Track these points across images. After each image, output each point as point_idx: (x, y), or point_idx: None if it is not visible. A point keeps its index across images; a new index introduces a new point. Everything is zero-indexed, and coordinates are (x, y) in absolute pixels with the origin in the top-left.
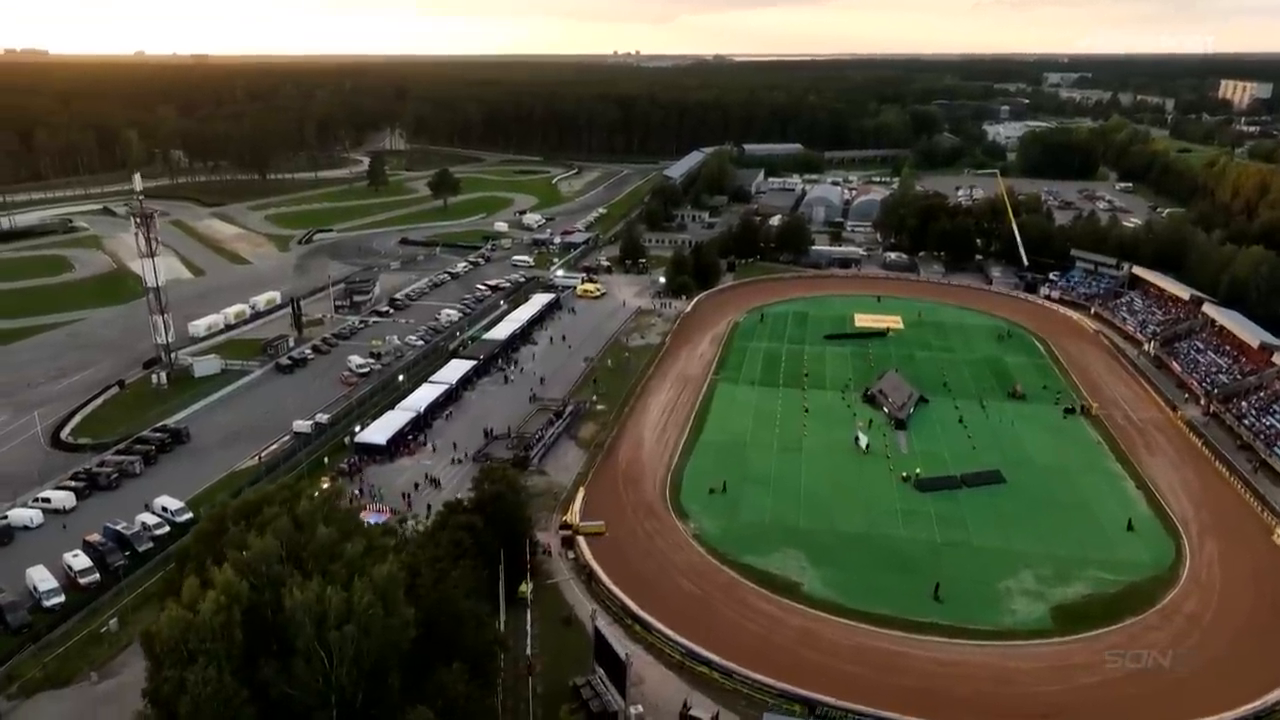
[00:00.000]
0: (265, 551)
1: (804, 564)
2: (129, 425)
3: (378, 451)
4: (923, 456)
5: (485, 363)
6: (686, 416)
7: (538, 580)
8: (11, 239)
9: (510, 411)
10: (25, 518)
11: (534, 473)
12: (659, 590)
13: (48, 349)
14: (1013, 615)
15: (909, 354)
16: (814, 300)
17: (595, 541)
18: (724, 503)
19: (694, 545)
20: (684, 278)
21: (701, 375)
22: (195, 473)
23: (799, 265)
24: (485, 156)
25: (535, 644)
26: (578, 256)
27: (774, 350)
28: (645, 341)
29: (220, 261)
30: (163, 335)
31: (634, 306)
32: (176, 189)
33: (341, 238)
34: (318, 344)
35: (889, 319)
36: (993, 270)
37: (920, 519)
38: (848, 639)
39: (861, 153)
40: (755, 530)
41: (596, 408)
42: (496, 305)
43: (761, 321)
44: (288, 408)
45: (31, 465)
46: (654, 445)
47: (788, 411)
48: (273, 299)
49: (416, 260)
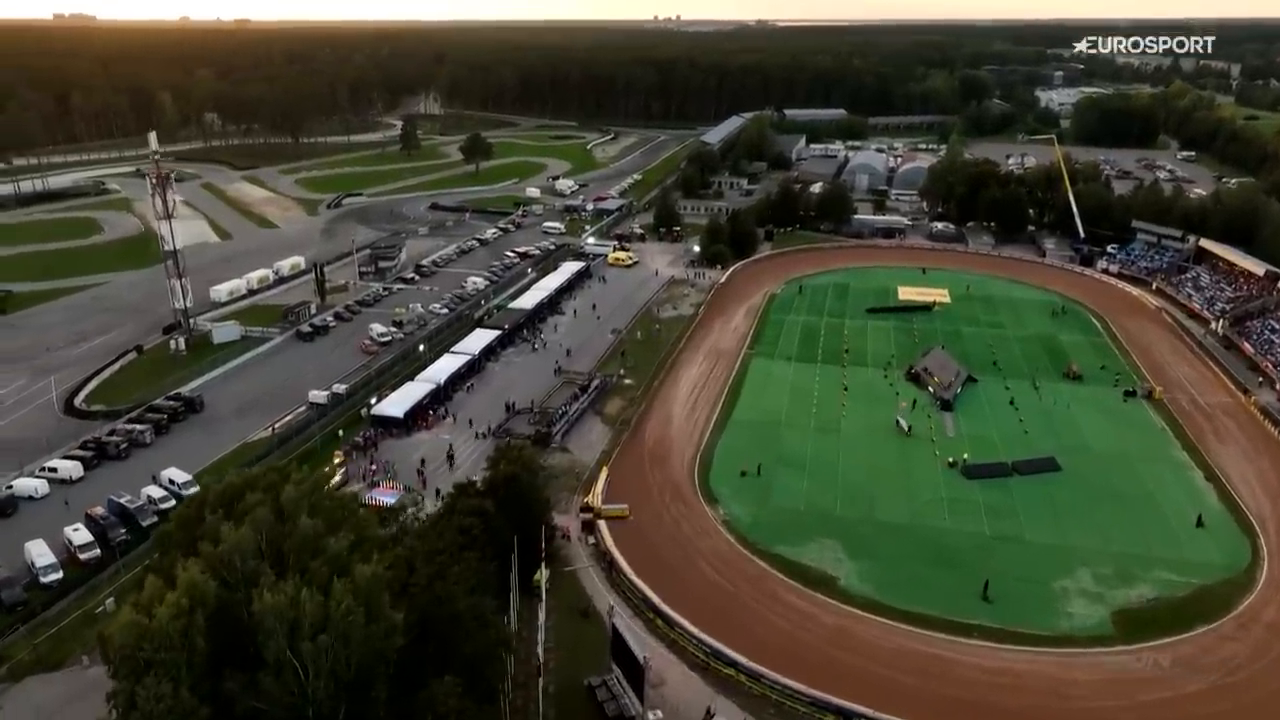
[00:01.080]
0: (239, 545)
1: (840, 556)
2: (143, 392)
3: (394, 424)
4: (970, 441)
5: (510, 333)
6: (718, 393)
7: (555, 567)
8: (45, 201)
9: (534, 384)
10: (30, 487)
11: (556, 450)
12: (683, 581)
13: (71, 312)
14: (1069, 619)
15: (956, 330)
16: (855, 271)
17: (617, 526)
18: (756, 487)
19: (722, 532)
20: (719, 246)
21: (735, 349)
22: (207, 443)
23: (840, 235)
24: (520, 121)
25: (550, 636)
26: (610, 224)
27: (812, 324)
28: (677, 313)
29: (247, 225)
30: (180, 300)
31: (666, 276)
32: (210, 152)
33: (371, 202)
34: (340, 311)
35: (935, 292)
36: (1046, 242)
37: (967, 509)
38: (887, 640)
39: (907, 119)
40: (788, 518)
41: (624, 382)
42: (524, 273)
43: (800, 293)
44: (306, 377)
45: (44, 432)
46: (683, 423)
47: (826, 389)
48: (297, 264)
49: (445, 226)
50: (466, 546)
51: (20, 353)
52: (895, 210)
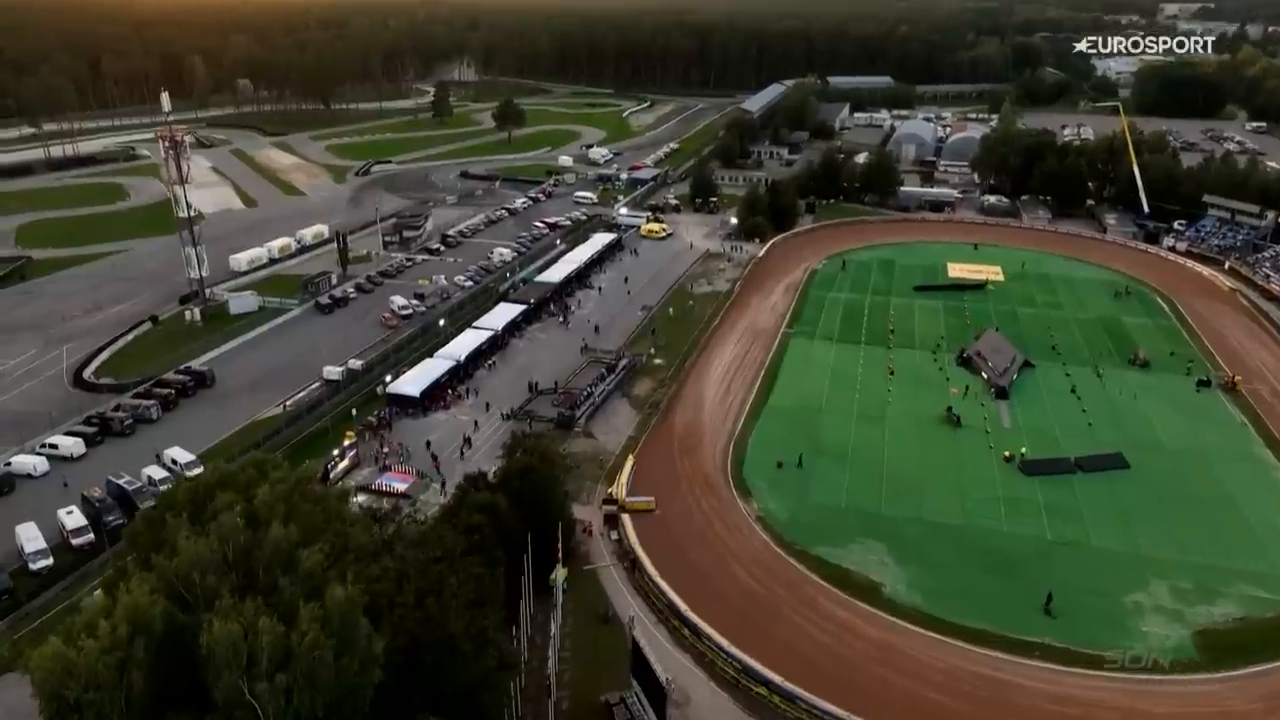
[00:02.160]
0: (198, 559)
1: (886, 560)
2: (155, 365)
3: (410, 404)
4: (1028, 433)
5: (536, 307)
6: (754, 375)
7: (574, 565)
8: (75, 166)
9: (559, 363)
10: (28, 465)
11: (579, 435)
12: (712, 585)
13: (89, 280)
14: (1144, 640)
15: (1010, 310)
16: (902, 247)
17: (643, 520)
18: (793, 479)
19: (756, 529)
20: (758, 219)
21: (773, 328)
22: (216, 420)
23: (886, 207)
24: (555, 89)
25: (565, 644)
26: (644, 194)
27: (856, 302)
28: (712, 288)
29: (273, 192)
30: (196, 269)
31: (702, 249)
32: (242, 118)
33: (400, 170)
34: (361, 282)
35: (987, 269)
36: (1107, 217)
37: (1026, 510)
38: (938, 659)
39: (956, 87)
40: (829, 515)
41: (654, 362)
42: (553, 245)
43: (843, 269)
44: (322, 351)
45: (50, 405)
46: (716, 407)
47: (870, 373)
48: (320, 233)
49: (474, 195)
50: (473, 549)
51: (35, 321)
52: (944, 182)
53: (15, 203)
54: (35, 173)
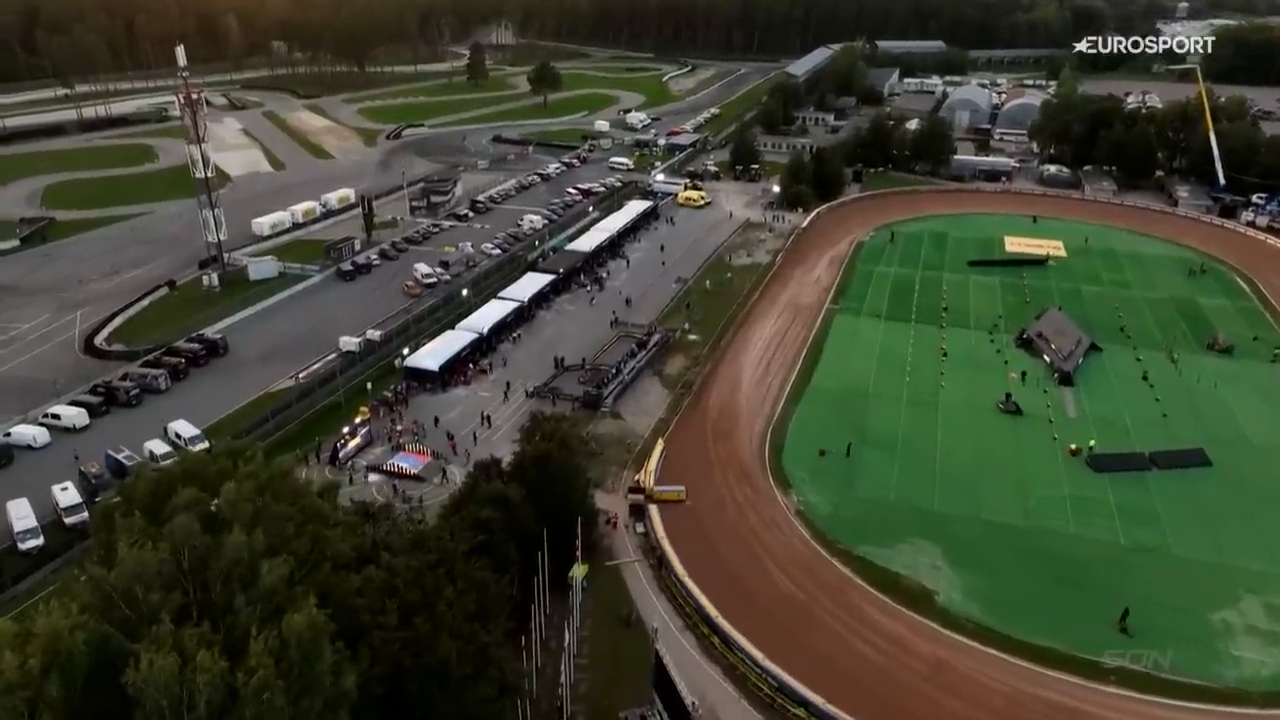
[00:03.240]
0: (140, 571)
1: (939, 563)
2: (168, 332)
3: (429, 378)
4: (1096, 424)
5: (565, 277)
6: (795, 355)
7: (595, 561)
8: (107, 127)
9: (587, 337)
10: (29, 436)
11: (605, 416)
12: (746, 587)
13: (110, 243)
14: (1236, 665)
15: (1074, 288)
16: (955, 219)
17: (672, 511)
18: (837, 470)
19: (795, 525)
20: (801, 187)
21: (816, 304)
22: (225, 392)
23: (938, 177)
24: (593, 53)
25: (583, 648)
26: (682, 160)
27: (905, 277)
28: (751, 260)
29: (303, 155)
30: (214, 232)
31: (741, 218)
32: (276, 80)
33: (432, 134)
34: (386, 248)
35: (1048, 244)
36: (1178, 189)
37: (1096, 510)
38: (998, 680)
39: (1012, 52)
40: (876, 511)
41: (688, 338)
42: (586, 212)
43: (891, 242)
44: (342, 320)
45: (59, 372)
46: (753, 389)
47: (921, 354)
48: (346, 197)
49: (506, 160)
50: (479, 550)
51: (52, 284)
52: (1000, 151)
53: (45, 163)
54: (67, 133)
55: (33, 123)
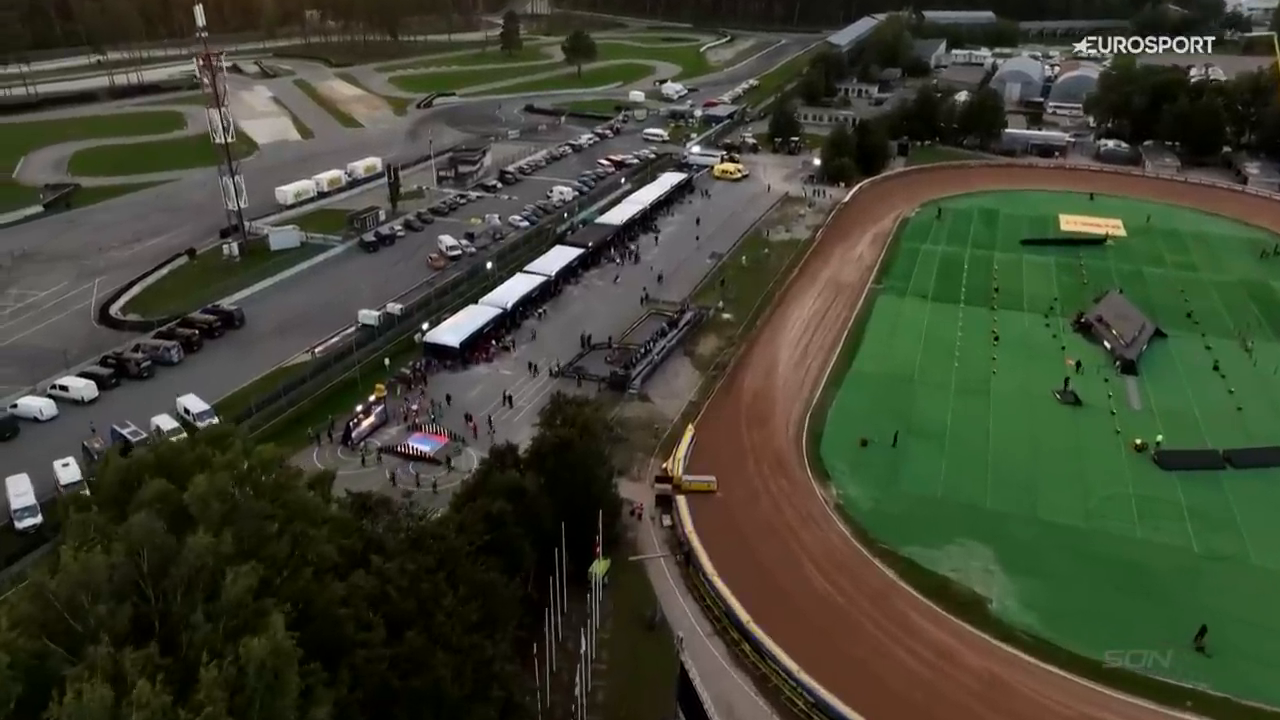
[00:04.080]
0: (87, 579)
1: (992, 567)
2: (185, 302)
3: (449, 355)
4: (1163, 417)
5: (595, 251)
6: (836, 336)
7: (618, 555)
8: (139, 94)
9: (616, 314)
10: (35, 408)
11: (633, 398)
12: (781, 589)
13: (133, 210)
14: None
15: (1135, 270)
16: (1006, 195)
17: (701, 503)
18: (880, 461)
19: (834, 520)
20: (844, 160)
21: (858, 283)
22: (239, 365)
23: (987, 151)
24: (630, 22)
25: (602, 653)
26: (719, 132)
27: (953, 255)
28: (790, 236)
29: (332, 124)
30: (234, 200)
31: (780, 192)
32: (309, 49)
33: (463, 103)
34: (411, 219)
35: (1106, 222)
36: (1248, 166)
37: (1165, 513)
38: (1058, 702)
39: (1065, 23)
40: (922, 507)
41: (722, 316)
42: (618, 184)
43: (938, 218)
44: (362, 292)
45: (72, 342)
46: (791, 372)
47: (971, 338)
48: (373, 166)
49: (538, 130)
50: (489, 549)
51: (73, 251)
52: (1053, 125)
53: (75, 130)
54: (99, 100)
55: (65, 89)
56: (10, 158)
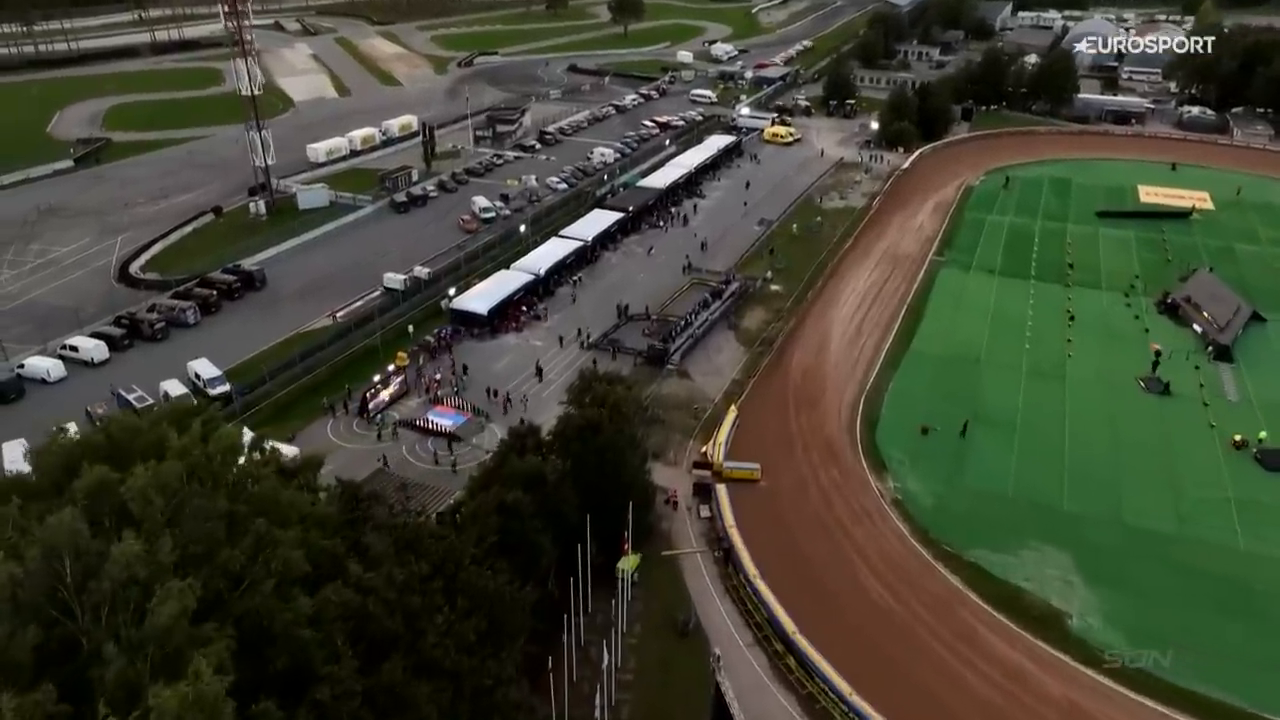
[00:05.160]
0: None
1: (1072, 577)
2: (208, 261)
3: (476, 322)
4: (1264, 409)
5: (635, 216)
6: (894, 312)
7: (650, 549)
8: (177, 50)
9: (656, 283)
10: (42, 369)
11: (671, 374)
12: (830, 595)
13: (163, 166)
14: None
15: (1226, 246)
16: (1079, 164)
17: (744, 493)
18: (942, 452)
19: (891, 517)
20: (903, 124)
21: (918, 255)
22: (257, 329)
23: (1058, 118)
24: None
25: (628, 661)
26: (770, 94)
27: (1022, 227)
28: (844, 203)
29: (370, 82)
30: (260, 156)
31: (834, 158)
32: (352, 7)
33: (505, 62)
34: (445, 179)
35: (1191, 194)
36: None
37: (1272, 519)
38: None
39: None
40: (990, 505)
41: (770, 288)
42: (662, 146)
43: (1005, 187)
44: (391, 254)
45: (89, 300)
46: (844, 350)
47: (1043, 317)
48: (408, 124)
49: (580, 90)
50: (500, 548)
51: (98, 207)
52: (1130, 91)
53: (113, 85)
54: (139, 56)
55: (105, 45)
56: (47, 112)
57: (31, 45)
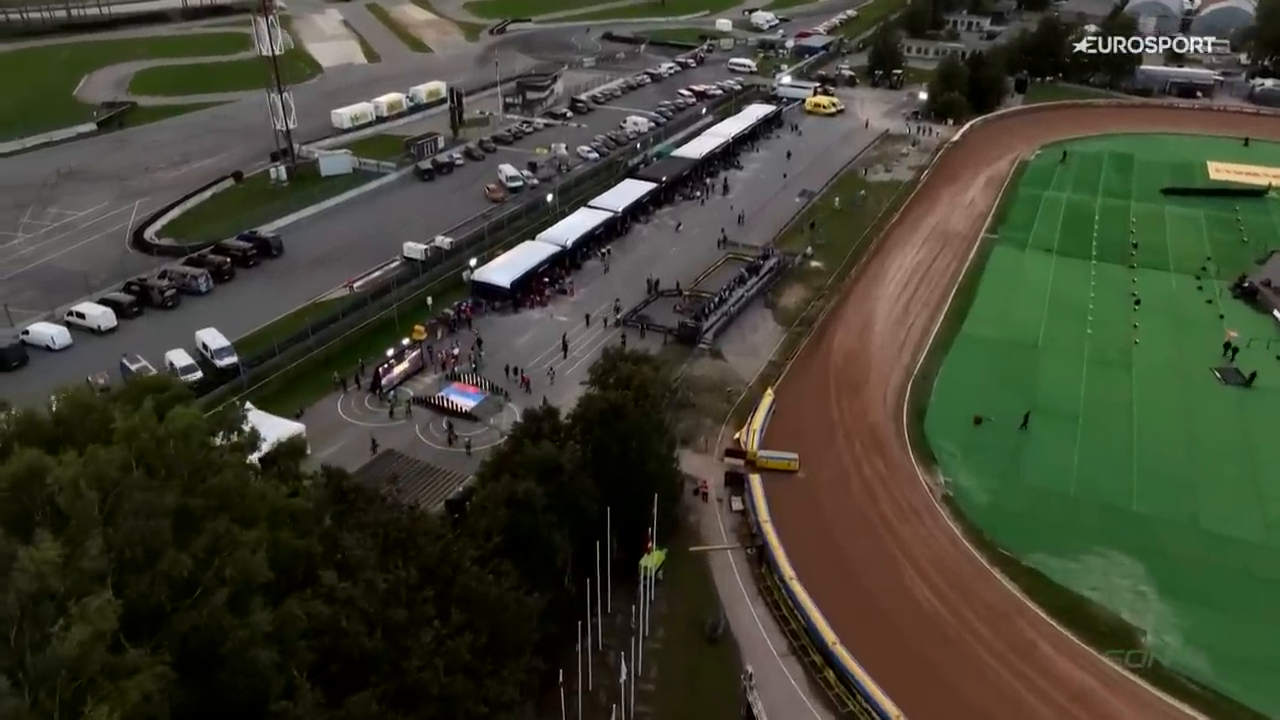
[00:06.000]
0: None
1: (1144, 588)
2: (225, 227)
3: (498, 295)
4: None
5: (669, 187)
6: (943, 292)
7: (676, 544)
8: (208, 15)
9: (689, 256)
10: (47, 336)
11: (703, 354)
12: (875, 600)
13: (186, 130)
14: None
15: None
16: (1142, 139)
17: (780, 484)
18: (998, 444)
19: (942, 516)
20: (954, 95)
21: (970, 232)
22: (272, 297)
23: (1118, 90)
24: None
25: (650, 669)
26: (813, 64)
27: (1081, 204)
28: (890, 177)
29: (400, 48)
30: (281, 119)
31: (879, 129)
32: None
33: (539, 29)
34: (472, 147)
35: (1267, 171)
36: None
37: None
38: None
39: None
40: (1051, 504)
41: (810, 264)
42: (698, 116)
43: (1063, 162)
44: (414, 223)
45: (101, 266)
46: (889, 331)
47: (1106, 300)
48: (436, 90)
49: (615, 59)
50: (510, 547)
51: (118, 171)
52: (1195, 63)
53: (142, 49)
54: (170, 20)
55: (137, 9)
56: (75, 76)
57: (64, 9)
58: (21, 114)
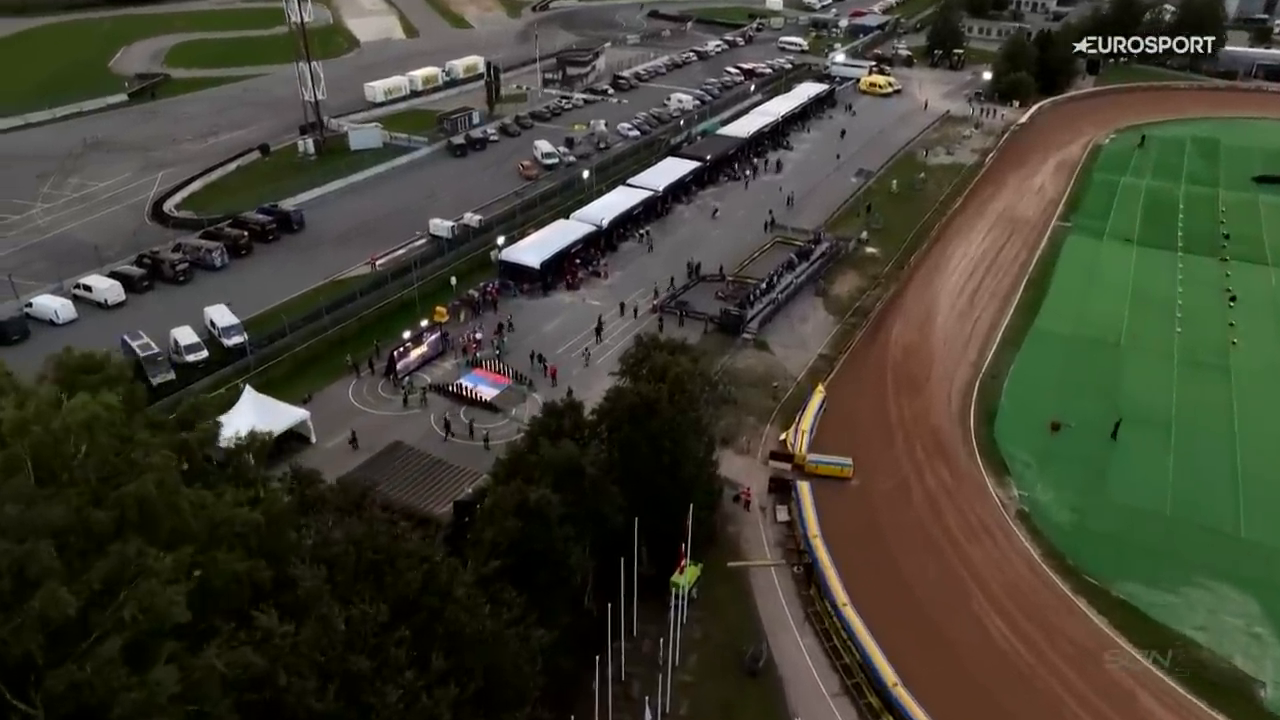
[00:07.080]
0: None
1: (1259, 629)
2: (247, 200)
3: (528, 277)
4: None
5: (713, 166)
6: (1012, 284)
7: (713, 559)
8: None
9: (733, 240)
10: (51, 309)
11: (747, 345)
12: (940, 632)
13: (217, 102)
14: None
15: None
16: (1227, 124)
17: (831, 493)
18: (1079, 454)
19: (1017, 535)
20: (1020, 75)
21: (1040, 219)
22: (290, 274)
23: (1199, 72)
24: None
25: (680, 704)
26: (867, 44)
27: (1163, 192)
28: (952, 160)
29: (440, 23)
30: (310, 90)
31: (939, 110)
32: None
33: (581, 6)
34: (507, 123)
35: None
36: None
37: None
38: None
39: None
40: (1144, 525)
41: (865, 250)
42: (746, 94)
43: (1140, 146)
44: (442, 200)
45: (119, 238)
46: (954, 325)
47: (1196, 296)
48: (473, 65)
49: (660, 36)
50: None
51: (144, 142)
52: None
53: (181, 23)
54: None
55: None
56: (113, 48)
57: None
58: (58, 84)
